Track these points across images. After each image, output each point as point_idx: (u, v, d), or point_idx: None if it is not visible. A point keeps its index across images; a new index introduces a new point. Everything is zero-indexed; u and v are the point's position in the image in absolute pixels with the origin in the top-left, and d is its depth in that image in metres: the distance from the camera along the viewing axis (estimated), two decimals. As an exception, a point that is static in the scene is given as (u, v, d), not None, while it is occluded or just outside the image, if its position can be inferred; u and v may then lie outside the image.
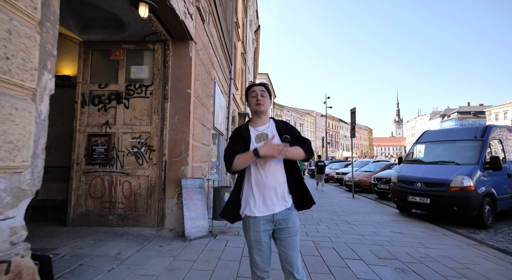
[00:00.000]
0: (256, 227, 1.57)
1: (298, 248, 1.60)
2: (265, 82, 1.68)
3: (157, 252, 3.27)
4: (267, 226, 1.58)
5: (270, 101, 1.74)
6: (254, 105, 1.68)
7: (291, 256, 1.56)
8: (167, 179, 4.04)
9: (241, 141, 1.65)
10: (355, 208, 7.19)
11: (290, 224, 1.59)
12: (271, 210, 1.57)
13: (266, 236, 1.59)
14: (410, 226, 5.25)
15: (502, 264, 3.31)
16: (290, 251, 1.57)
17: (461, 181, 5.21)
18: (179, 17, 3.54)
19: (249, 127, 1.72)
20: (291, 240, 1.58)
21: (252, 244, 1.59)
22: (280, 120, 1.76)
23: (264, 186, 1.58)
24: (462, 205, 5.10)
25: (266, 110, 1.70)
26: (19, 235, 1.18)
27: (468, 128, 6.30)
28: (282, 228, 1.58)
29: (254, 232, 1.57)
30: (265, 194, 1.58)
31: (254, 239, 1.57)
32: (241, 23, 13.15)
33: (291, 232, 1.58)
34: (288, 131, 1.69)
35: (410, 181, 6.03)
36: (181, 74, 4.17)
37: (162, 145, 4.09)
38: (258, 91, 1.68)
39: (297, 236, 1.61)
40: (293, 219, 1.60)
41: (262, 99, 1.66)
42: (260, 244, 1.57)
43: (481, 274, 2.98)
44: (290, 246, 1.57)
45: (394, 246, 3.96)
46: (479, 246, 4.05)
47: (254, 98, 1.68)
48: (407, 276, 2.89)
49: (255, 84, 1.73)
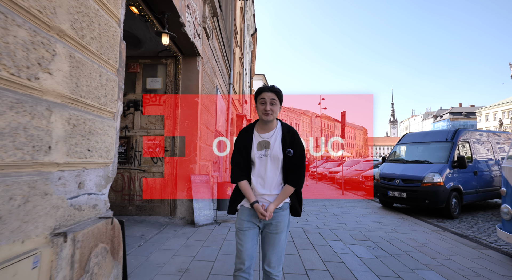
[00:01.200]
0: (242, 216, 1.63)
1: (278, 246, 1.59)
2: (278, 87, 1.65)
3: (173, 234, 3.97)
4: (253, 219, 1.61)
5: (280, 107, 1.67)
6: (262, 113, 1.62)
7: (266, 250, 1.60)
8: (178, 175, 4.73)
9: (243, 150, 1.66)
10: (343, 203, 7.95)
11: (274, 221, 1.60)
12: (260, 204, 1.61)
13: (248, 227, 1.60)
14: (388, 217, 6.02)
15: (454, 244, 4.08)
16: (267, 245, 1.60)
17: (432, 177, 5.99)
18: (190, 39, 4.23)
19: (253, 132, 1.69)
20: (272, 237, 1.59)
21: (236, 232, 1.64)
22: (288, 128, 1.70)
23: (259, 183, 1.64)
24: (432, 198, 5.88)
25: (273, 119, 1.65)
26: (107, 204, 1.87)
27: (442, 131, 7.11)
28: (267, 224, 1.61)
29: (239, 220, 1.64)
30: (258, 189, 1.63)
31: (238, 227, 1.63)
32: (239, 29, 13.82)
33: (272, 229, 1.59)
34: (294, 145, 1.63)
35: (390, 177, 6.80)
36: (190, 85, 4.86)
37: (174, 146, 4.78)
38: (267, 99, 1.60)
39: (278, 234, 1.59)
40: (278, 218, 1.61)
41: (271, 109, 1.60)
42: (240, 233, 1.60)
43: (434, 250, 3.74)
44: (269, 241, 1.59)
45: (370, 231, 4.71)
46: (441, 231, 4.82)
47: (263, 106, 1.61)
48: (374, 251, 3.63)
49: (265, 89, 1.64)
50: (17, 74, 1.11)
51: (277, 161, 1.63)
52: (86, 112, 1.58)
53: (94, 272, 1.54)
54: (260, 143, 1.65)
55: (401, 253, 3.59)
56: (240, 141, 1.70)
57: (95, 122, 1.67)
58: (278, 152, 1.61)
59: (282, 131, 1.67)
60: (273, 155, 1.61)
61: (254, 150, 1.65)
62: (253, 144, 1.66)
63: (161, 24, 3.62)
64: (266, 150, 1.62)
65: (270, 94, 1.60)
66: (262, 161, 1.64)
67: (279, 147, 1.62)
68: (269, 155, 1.62)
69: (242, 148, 1.67)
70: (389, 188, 6.73)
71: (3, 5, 1.06)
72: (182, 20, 3.68)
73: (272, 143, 1.63)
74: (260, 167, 1.63)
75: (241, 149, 1.67)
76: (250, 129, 1.71)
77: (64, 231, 1.36)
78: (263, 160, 1.64)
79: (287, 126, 1.72)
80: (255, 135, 1.68)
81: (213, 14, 5.56)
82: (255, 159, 1.65)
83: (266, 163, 1.63)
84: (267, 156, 1.63)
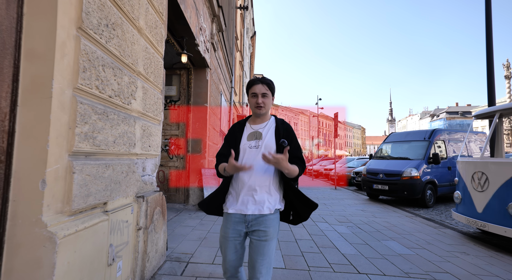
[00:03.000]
0: (227, 223, 1.51)
1: (266, 254, 1.44)
2: (269, 79, 1.58)
3: (188, 217, 4.82)
4: (238, 226, 1.49)
5: (273, 99, 1.61)
6: (254, 107, 1.56)
7: (255, 260, 1.44)
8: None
9: (232, 141, 1.59)
10: (334, 196, 8.83)
11: (262, 226, 1.45)
12: (243, 210, 1.48)
13: (234, 234, 1.48)
14: (371, 206, 6.89)
15: (420, 225, 4.95)
16: (256, 255, 1.44)
17: (410, 172, 6.87)
18: (201, 55, 5.07)
19: (245, 124, 1.63)
20: (260, 244, 1.44)
21: (220, 239, 1.55)
22: (282, 121, 1.62)
23: (240, 183, 1.51)
24: (410, 190, 6.76)
25: (266, 112, 1.58)
26: (155, 183, 2.72)
27: (421, 131, 7.99)
28: (254, 230, 1.47)
29: (224, 228, 1.52)
30: (241, 191, 1.50)
31: (223, 235, 1.52)
32: (239, 34, 14.64)
33: (261, 236, 1.45)
34: (288, 138, 1.55)
35: (375, 172, 7.68)
36: (200, 92, 5.70)
37: (187, 144, 5.63)
38: (259, 93, 1.53)
39: (268, 241, 1.45)
40: (267, 223, 1.46)
41: (262, 102, 1.53)
42: (226, 241, 1.50)
43: (401, 229, 4.61)
44: (257, 250, 1.44)
45: (353, 216, 5.58)
46: (414, 216, 5.70)
47: (254, 99, 1.54)
48: (352, 229, 4.50)
49: (256, 81, 1.55)
50: (123, 102, 1.96)
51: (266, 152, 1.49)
52: (148, 122, 2.43)
53: (155, 224, 2.40)
54: (251, 134, 1.56)
55: (374, 230, 4.46)
56: (230, 133, 1.64)
57: (152, 128, 2.52)
58: (271, 142, 1.52)
59: (276, 123, 1.59)
60: (265, 145, 1.51)
61: (243, 140, 1.56)
62: (244, 134, 1.58)
63: (180, 45, 4.46)
64: (258, 140, 1.53)
65: (261, 87, 1.53)
66: (252, 152, 1.52)
67: (272, 137, 1.54)
68: (260, 145, 1.52)
69: (231, 139, 1.60)
70: (374, 182, 7.61)
71: (118, 64, 1.90)
72: (196, 41, 4.52)
73: (265, 133, 1.54)
74: (248, 160, 1.50)
75: (230, 140, 1.61)
76: (243, 122, 1.65)
77: (142, 195, 2.22)
78: (253, 151, 1.51)
79: (282, 120, 1.64)
80: (246, 127, 1.61)
81: (219, 30, 6.40)
82: (244, 150, 1.54)
83: (256, 155, 1.50)
84: (258, 147, 1.51)
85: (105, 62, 1.70)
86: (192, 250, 3.17)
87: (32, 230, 1.23)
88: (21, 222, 1.23)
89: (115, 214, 1.80)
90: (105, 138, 1.71)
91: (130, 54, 2.03)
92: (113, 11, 1.78)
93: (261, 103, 1.53)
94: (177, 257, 2.92)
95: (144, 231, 2.22)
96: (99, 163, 1.65)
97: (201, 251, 3.14)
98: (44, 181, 1.26)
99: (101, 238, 1.62)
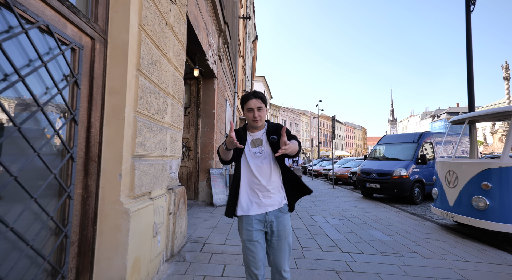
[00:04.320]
0: (248, 226, 1.59)
1: (286, 250, 1.59)
2: (260, 92, 1.70)
3: (199, 210, 5.47)
4: (259, 226, 1.59)
5: (267, 109, 1.72)
6: (251, 121, 1.67)
7: (278, 258, 1.57)
8: (200, 168, 6.23)
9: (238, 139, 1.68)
10: (331, 194, 9.45)
11: (280, 226, 1.59)
12: (263, 209, 1.60)
13: (258, 236, 1.59)
14: (364, 203, 7.52)
15: (404, 219, 5.57)
16: (278, 253, 1.57)
17: (399, 171, 7.49)
18: (210, 67, 5.73)
19: (247, 132, 1.74)
20: (281, 243, 1.58)
21: (245, 243, 1.60)
22: (272, 124, 1.75)
23: (255, 186, 1.63)
24: (399, 188, 7.38)
25: (262, 123, 1.71)
26: (178, 179, 3.37)
27: (411, 134, 8.61)
28: (273, 230, 1.59)
29: (246, 231, 1.59)
30: (257, 193, 1.62)
31: (247, 238, 1.59)
32: (242, 41, 15.30)
33: (280, 235, 1.58)
34: (277, 131, 1.68)
35: (368, 172, 8.30)
36: (208, 100, 6.36)
37: (197, 146, 6.28)
38: (254, 108, 1.64)
39: (287, 239, 1.60)
40: (284, 222, 1.61)
41: (259, 115, 1.65)
42: (252, 243, 1.58)
43: (387, 221, 5.24)
44: (279, 248, 1.58)
45: (345, 211, 6.21)
46: (400, 211, 6.32)
47: (251, 113, 1.65)
48: (343, 221, 5.14)
49: (249, 96, 1.66)
50: (160, 117, 2.61)
51: (269, 156, 1.67)
52: (174, 130, 3.08)
53: (180, 211, 3.05)
54: (253, 141, 1.70)
55: (362, 222, 5.09)
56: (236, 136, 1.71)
57: (176, 135, 3.17)
58: (267, 144, 1.67)
59: (267, 128, 1.73)
60: (266, 149, 1.67)
61: (248, 146, 1.69)
62: (248, 141, 1.71)
63: (192, 60, 5.11)
64: (260, 147, 1.67)
65: (255, 101, 1.64)
66: (258, 157, 1.67)
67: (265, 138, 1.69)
68: (263, 151, 1.67)
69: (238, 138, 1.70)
70: (367, 181, 8.23)
71: (157, 89, 2.54)
72: (206, 57, 5.18)
73: (264, 140, 1.70)
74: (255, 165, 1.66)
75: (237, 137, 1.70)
76: (244, 130, 1.76)
77: (171, 188, 2.87)
78: (258, 157, 1.67)
79: (273, 123, 1.76)
80: (248, 136, 1.74)
81: (224, 43, 7.06)
82: (251, 156, 1.68)
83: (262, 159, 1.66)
84: (262, 152, 1.67)
85: (150, 90, 2.35)
86: (206, 235, 3.82)
87: (114, 206, 1.88)
88: (107, 201, 1.88)
89: (156, 200, 2.44)
90: (150, 145, 2.36)
91: (164, 81, 2.68)
92: (155, 52, 2.44)
93: (258, 117, 1.65)
94: (195, 239, 3.58)
95: (173, 215, 2.87)
96: (147, 163, 2.30)
97: (213, 236, 3.79)
98: (120, 174, 1.91)
99: (149, 216, 2.27)
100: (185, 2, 3.37)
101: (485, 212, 3.90)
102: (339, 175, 13.45)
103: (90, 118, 1.81)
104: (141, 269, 2.08)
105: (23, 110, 1.36)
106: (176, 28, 3.03)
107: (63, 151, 1.64)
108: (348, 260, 3.11)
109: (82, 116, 1.76)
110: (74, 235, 1.72)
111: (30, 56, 1.40)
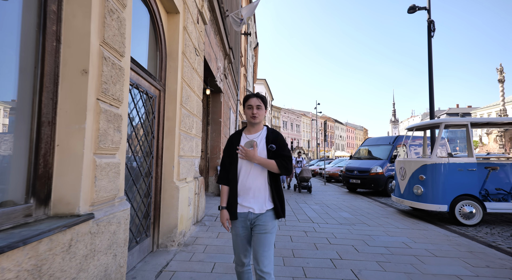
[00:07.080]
0: (235, 223, 1.78)
1: (267, 245, 1.70)
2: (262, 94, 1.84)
3: (209, 199, 6.94)
4: (244, 223, 1.76)
5: (266, 111, 1.82)
6: (250, 117, 1.79)
7: (256, 251, 1.70)
8: (209, 166, 7.69)
9: (230, 152, 1.82)
10: (321, 189, 10.88)
11: (261, 221, 1.73)
12: (246, 208, 1.75)
13: (243, 231, 1.77)
14: (346, 195, 8.94)
15: (373, 206, 6.99)
16: (257, 246, 1.71)
17: (376, 169, 8.90)
18: (218, 85, 7.19)
19: (242, 134, 1.85)
20: (261, 237, 1.71)
21: (233, 237, 1.82)
22: (272, 130, 1.84)
23: (245, 187, 1.76)
24: (376, 183, 8.79)
25: (260, 121, 1.81)
26: (198, 172, 4.83)
27: (388, 137, 10.04)
28: (256, 225, 1.74)
29: (235, 227, 1.79)
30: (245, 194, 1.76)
31: (234, 233, 1.80)
32: (243, 51, 16.72)
33: (260, 230, 1.72)
34: (276, 142, 1.77)
35: (352, 169, 9.72)
36: (215, 110, 7.82)
37: (207, 148, 7.75)
38: (254, 105, 1.76)
39: (267, 234, 1.71)
40: (265, 218, 1.73)
41: (257, 112, 1.76)
42: (238, 237, 1.78)
43: (357, 207, 6.66)
44: (259, 241, 1.71)
45: (328, 201, 7.64)
46: (373, 201, 7.74)
47: (250, 110, 1.77)
48: (323, 207, 6.57)
49: (251, 95, 1.80)
50: (190, 131, 4.07)
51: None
52: (197, 138, 4.54)
53: (201, 193, 4.52)
54: (247, 143, 1.78)
55: (337, 208, 6.52)
56: (228, 145, 1.86)
57: (198, 141, 4.63)
58: (263, 149, 1.76)
59: (267, 132, 1.82)
60: (259, 152, 1.74)
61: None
62: (241, 143, 1.80)
63: (205, 82, 6.58)
64: (253, 149, 1.73)
65: (256, 100, 1.77)
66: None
67: (264, 144, 1.77)
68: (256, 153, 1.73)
69: (229, 151, 1.83)
70: (350, 177, 9.66)
71: (189, 113, 4.00)
72: (215, 78, 6.64)
73: (259, 142, 1.77)
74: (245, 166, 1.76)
75: (228, 152, 1.84)
76: (239, 132, 1.88)
77: (196, 177, 4.34)
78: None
79: (272, 129, 1.85)
80: (243, 137, 1.83)
81: (229, 63, 8.52)
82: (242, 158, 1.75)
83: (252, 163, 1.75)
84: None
85: (186, 115, 3.81)
86: (217, 213, 5.28)
87: (170, 184, 3.34)
88: (167, 181, 3.34)
89: (189, 184, 3.90)
90: (185, 149, 3.82)
91: (191, 106, 4.14)
92: (188, 90, 3.90)
93: (256, 114, 1.76)
94: (210, 214, 5.05)
95: (197, 195, 4.33)
96: (184, 160, 3.76)
97: (222, 213, 5.26)
98: (173, 166, 3.37)
99: (186, 192, 3.72)
100: (203, 48, 4.83)
101: (421, 197, 5.32)
102: (332, 174, 14.87)
103: (158, 134, 3.28)
104: (183, 222, 3.54)
105: (138, 131, 2.83)
106: (198, 69, 4.49)
107: (149, 153, 3.10)
108: (315, 227, 4.55)
109: (155, 134, 3.22)
110: (152, 199, 3.18)
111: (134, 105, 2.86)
